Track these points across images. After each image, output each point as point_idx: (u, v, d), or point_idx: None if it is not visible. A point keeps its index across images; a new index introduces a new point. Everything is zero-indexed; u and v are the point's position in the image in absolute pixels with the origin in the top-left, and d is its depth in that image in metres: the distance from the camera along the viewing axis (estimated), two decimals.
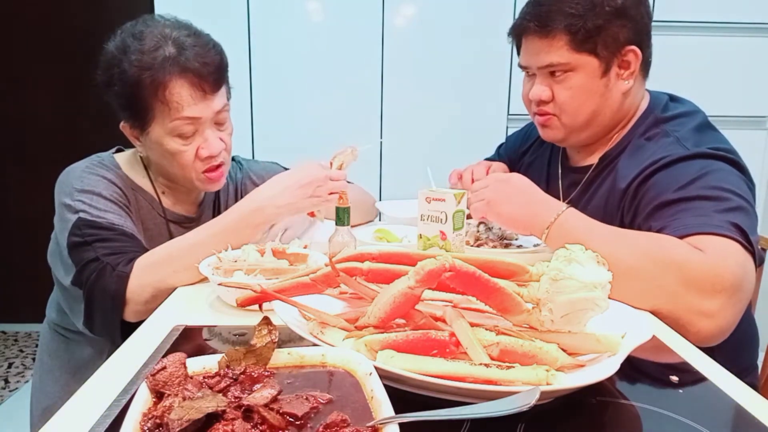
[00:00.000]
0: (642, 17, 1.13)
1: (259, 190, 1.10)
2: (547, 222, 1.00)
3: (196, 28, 1.16)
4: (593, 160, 1.22)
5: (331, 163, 1.15)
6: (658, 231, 0.96)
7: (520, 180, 1.09)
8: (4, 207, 3.11)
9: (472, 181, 1.29)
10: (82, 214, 1.06)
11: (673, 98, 1.21)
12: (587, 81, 1.12)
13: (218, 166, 1.17)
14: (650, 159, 1.06)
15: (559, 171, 1.31)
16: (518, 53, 1.23)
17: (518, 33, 1.19)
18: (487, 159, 1.52)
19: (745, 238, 0.91)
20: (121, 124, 1.17)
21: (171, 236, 1.21)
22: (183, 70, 1.08)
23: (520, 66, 1.22)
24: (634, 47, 1.12)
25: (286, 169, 1.45)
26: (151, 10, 2.09)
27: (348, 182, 1.19)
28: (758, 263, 0.96)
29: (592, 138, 1.21)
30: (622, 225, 1.05)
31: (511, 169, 1.42)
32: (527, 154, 1.45)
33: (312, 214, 1.15)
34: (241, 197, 1.20)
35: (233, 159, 1.44)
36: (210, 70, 1.11)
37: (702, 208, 0.95)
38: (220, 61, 1.15)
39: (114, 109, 1.17)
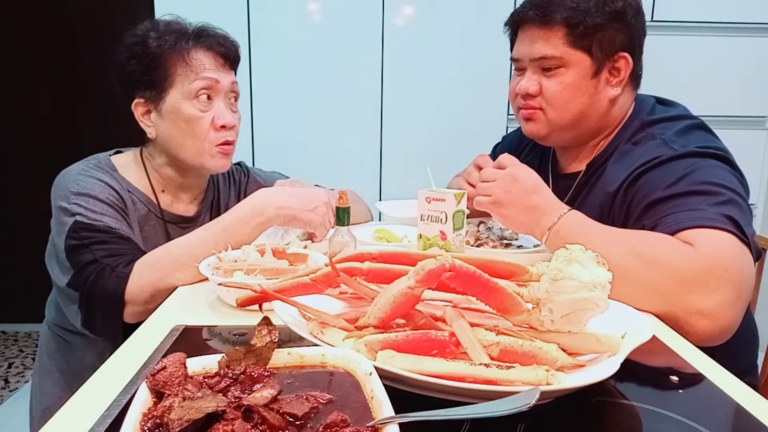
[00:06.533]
0: (638, 28, 1.14)
1: (263, 191, 1.10)
2: (547, 227, 1.01)
3: None
4: (581, 166, 1.21)
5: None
6: (651, 229, 0.95)
7: (527, 177, 1.06)
8: (4, 207, 3.11)
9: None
10: (78, 217, 1.07)
11: (661, 101, 1.20)
12: (578, 79, 1.12)
13: (230, 143, 1.21)
14: (638, 162, 1.06)
15: (549, 178, 1.30)
16: (511, 47, 1.22)
17: (516, 21, 1.18)
18: None
19: (740, 230, 0.89)
20: (134, 102, 1.19)
21: (168, 237, 1.21)
22: (204, 42, 1.18)
23: (512, 59, 1.21)
24: (626, 54, 1.12)
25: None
26: (151, 9, 2.09)
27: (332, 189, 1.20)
28: (756, 257, 0.94)
29: (574, 140, 1.20)
30: None
31: None
32: (520, 158, 1.43)
33: (312, 237, 1.13)
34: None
35: (238, 164, 1.45)
36: (228, 50, 1.21)
37: (693, 203, 0.94)
38: (235, 49, 1.24)
39: (119, 104, 1.19)
